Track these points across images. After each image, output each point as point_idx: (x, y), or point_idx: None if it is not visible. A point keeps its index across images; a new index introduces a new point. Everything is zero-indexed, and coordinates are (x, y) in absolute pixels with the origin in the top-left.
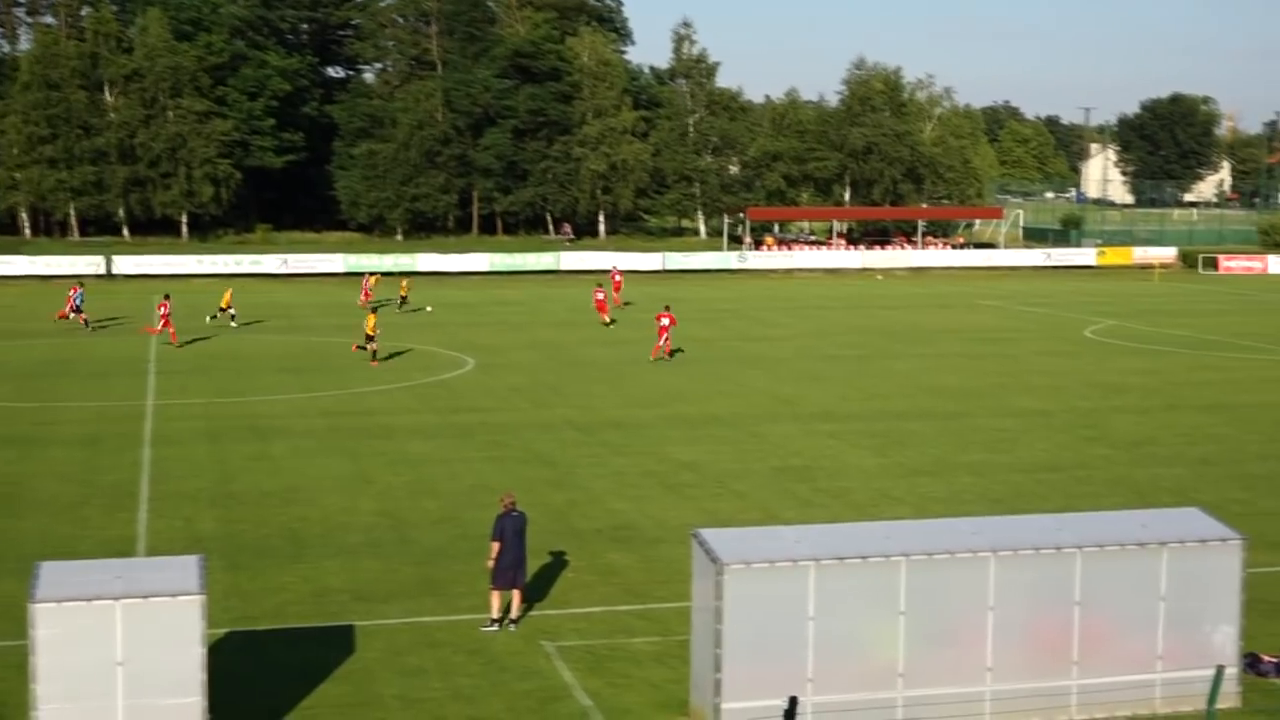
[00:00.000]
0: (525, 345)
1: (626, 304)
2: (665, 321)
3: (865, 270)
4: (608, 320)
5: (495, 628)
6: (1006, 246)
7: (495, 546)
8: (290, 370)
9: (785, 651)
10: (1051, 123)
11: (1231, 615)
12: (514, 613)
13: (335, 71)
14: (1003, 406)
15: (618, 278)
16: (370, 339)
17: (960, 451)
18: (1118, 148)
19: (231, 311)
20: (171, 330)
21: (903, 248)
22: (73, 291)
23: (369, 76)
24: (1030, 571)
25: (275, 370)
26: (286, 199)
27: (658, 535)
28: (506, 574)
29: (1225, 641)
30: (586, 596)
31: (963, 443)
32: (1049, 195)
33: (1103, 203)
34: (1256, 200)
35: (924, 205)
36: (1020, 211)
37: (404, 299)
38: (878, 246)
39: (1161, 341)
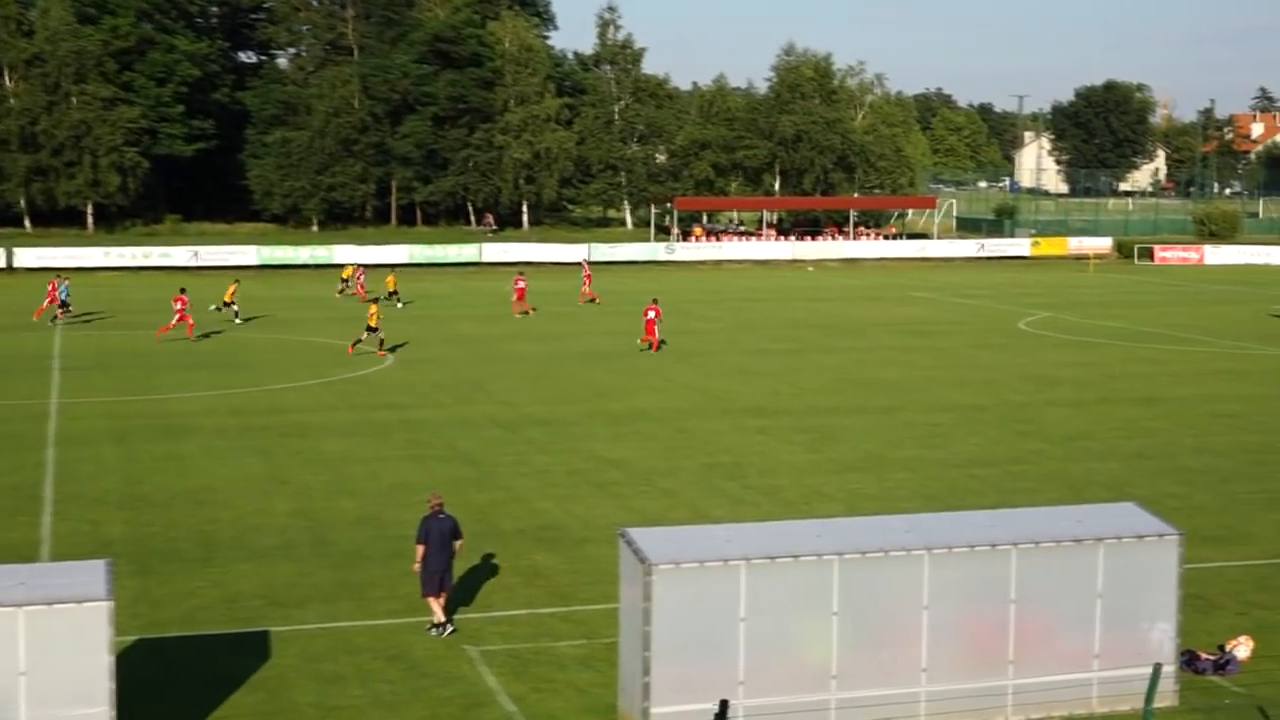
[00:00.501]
0: (446, 340)
1: (592, 300)
2: (652, 314)
3: (796, 262)
4: (521, 312)
5: (450, 627)
6: (940, 237)
7: (420, 549)
8: (201, 367)
9: (716, 654)
10: (984, 111)
11: (1169, 612)
12: (444, 617)
13: (247, 57)
14: (936, 401)
15: (587, 270)
16: (374, 330)
17: (893, 447)
18: (1051, 136)
19: (235, 308)
20: (189, 323)
21: (834, 238)
22: (53, 286)
23: (283, 62)
24: (965, 570)
25: (185, 367)
26: (197, 189)
27: (584, 535)
28: (434, 578)
29: (1162, 639)
30: (510, 599)
31: (895, 438)
32: (982, 185)
33: (1037, 192)
34: (1192, 190)
35: (856, 195)
36: (953, 201)
37: (394, 293)
38: (809, 237)
39: (1096, 334)
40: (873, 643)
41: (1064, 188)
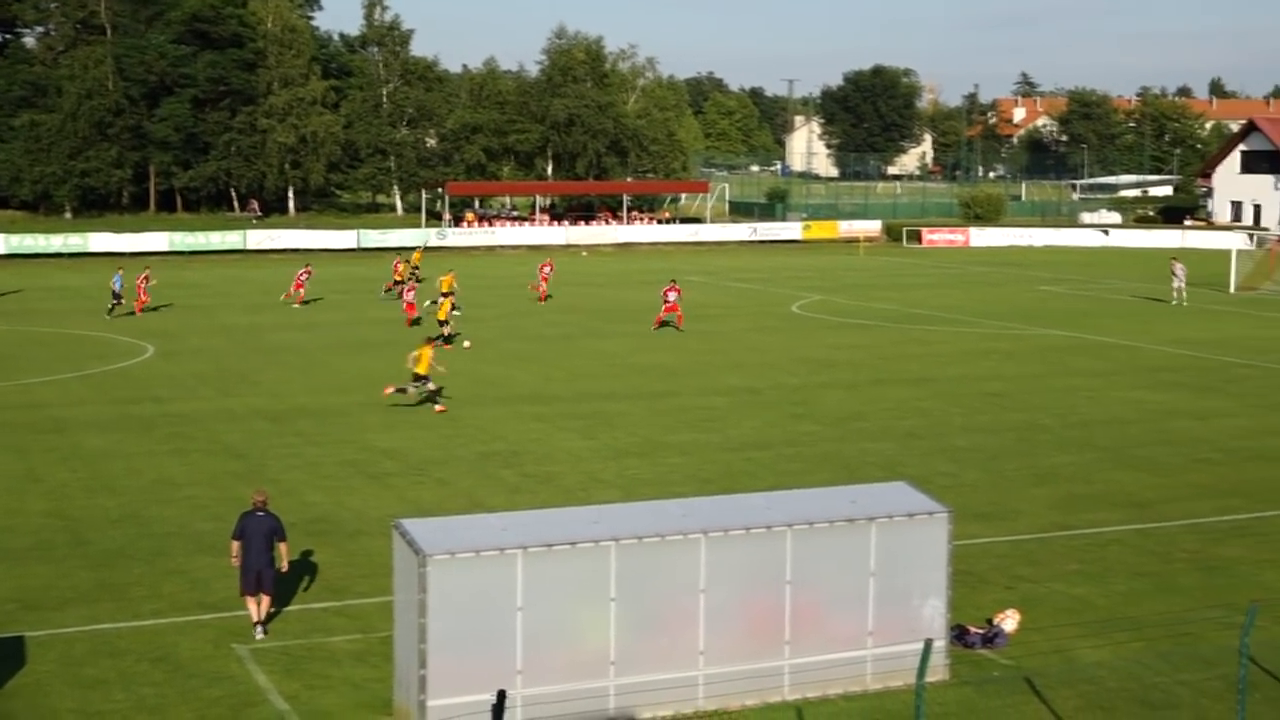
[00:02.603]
0: (211, 330)
1: (549, 297)
2: (673, 296)
3: (570, 246)
4: (299, 302)
5: (261, 631)
6: (713, 221)
7: (234, 545)
8: None
9: (493, 644)
10: (755, 95)
11: (939, 588)
12: (259, 617)
13: None
14: (711, 385)
15: (547, 270)
16: (444, 323)
17: (669, 431)
18: (822, 120)
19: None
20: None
21: (608, 223)
22: (141, 278)
23: (30, 41)
24: (741, 552)
25: None
26: None
27: (357, 527)
28: (249, 576)
29: (933, 615)
30: (281, 595)
31: (672, 422)
32: (754, 169)
33: (808, 176)
34: (958, 173)
35: (629, 179)
36: (726, 185)
37: (399, 282)
38: (582, 222)
39: (868, 316)
40: (651, 627)
41: (834, 171)
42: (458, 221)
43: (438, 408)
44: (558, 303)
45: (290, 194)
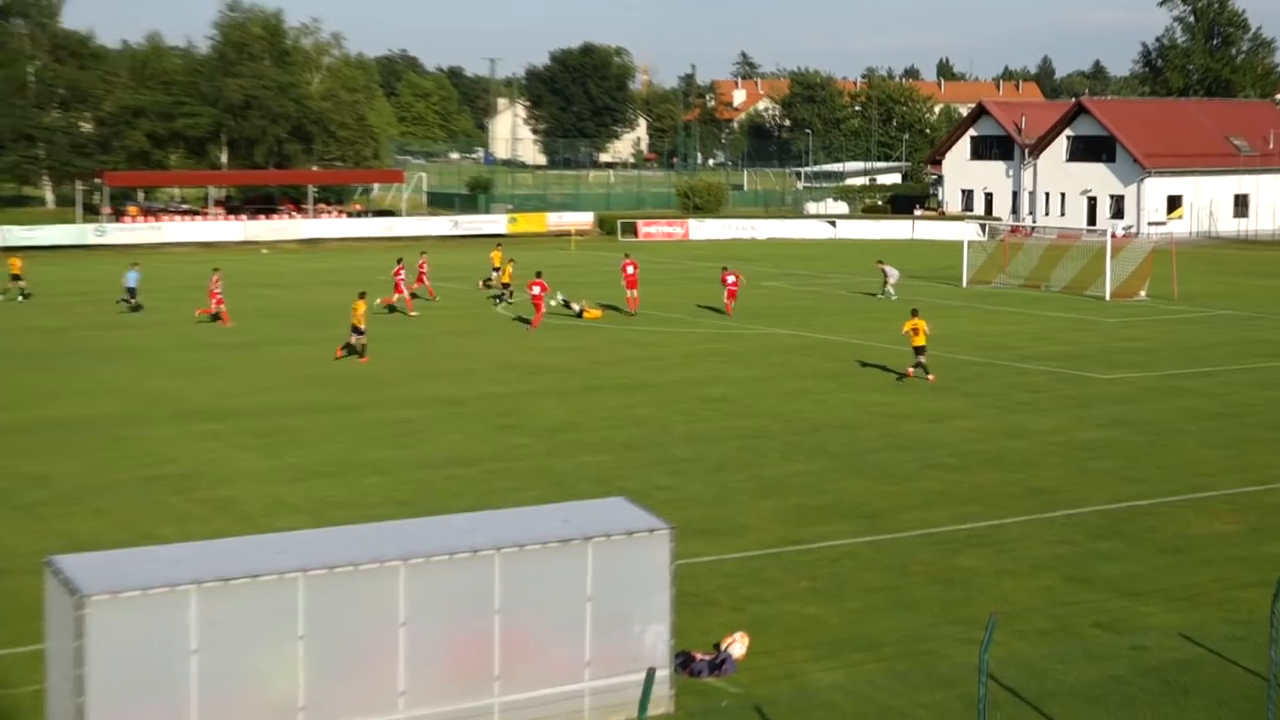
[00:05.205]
0: None
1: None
2: (731, 280)
3: (248, 243)
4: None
5: None
6: (409, 214)
7: None
8: None
9: (164, 693)
10: (454, 75)
11: (662, 612)
12: None
13: None
14: (408, 395)
15: (630, 270)
16: (358, 331)
17: (362, 448)
18: (527, 103)
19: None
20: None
21: (291, 217)
22: (214, 279)
23: None
24: (445, 580)
25: None
26: None
27: (2, 566)
28: None
29: (656, 641)
30: None
31: (364, 438)
32: (454, 156)
33: (513, 164)
34: (675, 160)
35: (315, 168)
36: (424, 175)
37: (503, 284)
38: (262, 216)
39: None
40: (345, 667)
41: (542, 159)
42: (119, 216)
43: (930, 378)
44: (235, 308)
45: None
